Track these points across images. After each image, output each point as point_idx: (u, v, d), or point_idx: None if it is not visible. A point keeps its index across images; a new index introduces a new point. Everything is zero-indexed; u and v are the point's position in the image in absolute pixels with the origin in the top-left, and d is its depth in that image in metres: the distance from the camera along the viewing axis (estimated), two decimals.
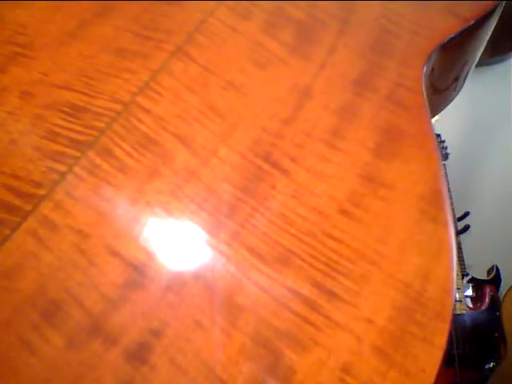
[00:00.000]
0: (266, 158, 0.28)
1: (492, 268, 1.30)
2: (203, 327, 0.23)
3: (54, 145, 0.28)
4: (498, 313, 1.20)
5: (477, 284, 1.25)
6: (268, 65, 0.33)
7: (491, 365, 1.13)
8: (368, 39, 0.35)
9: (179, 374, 0.22)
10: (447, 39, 0.35)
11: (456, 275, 0.25)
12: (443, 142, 1.39)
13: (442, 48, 0.35)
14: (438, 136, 1.36)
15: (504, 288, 1.25)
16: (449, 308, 0.24)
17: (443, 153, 1.38)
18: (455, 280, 0.25)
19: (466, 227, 1.32)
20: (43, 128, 0.29)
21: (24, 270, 0.24)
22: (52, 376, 0.22)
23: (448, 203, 0.27)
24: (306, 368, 0.22)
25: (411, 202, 0.27)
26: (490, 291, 1.24)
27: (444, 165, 1.31)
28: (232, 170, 0.28)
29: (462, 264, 1.26)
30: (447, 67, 0.40)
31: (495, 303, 1.22)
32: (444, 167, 1.21)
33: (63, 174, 0.27)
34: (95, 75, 0.31)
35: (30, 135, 0.29)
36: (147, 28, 0.34)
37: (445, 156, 1.38)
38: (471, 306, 1.21)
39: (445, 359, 0.23)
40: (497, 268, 1.29)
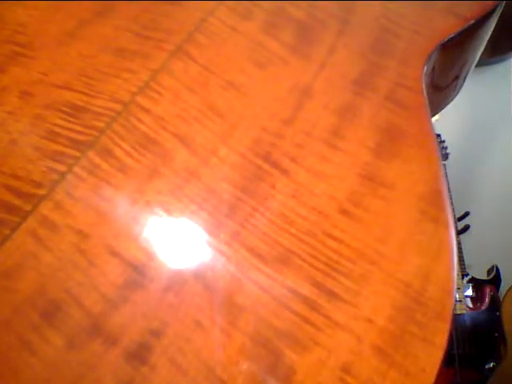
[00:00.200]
0: (266, 158, 0.28)
1: (492, 268, 1.30)
2: (203, 327, 0.23)
3: (54, 145, 0.28)
4: (498, 313, 1.20)
5: (477, 284, 1.25)
6: (268, 65, 0.33)
7: (491, 365, 1.13)
8: (368, 39, 0.35)
9: (179, 374, 0.22)
10: (447, 39, 0.35)
11: (456, 275, 0.25)
12: (443, 142, 1.39)
13: (442, 48, 0.35)
14: (438, 136, 1.36)
15: (504, 288, 1.25)
16: (449, 308, 0.24)
17: (443, 153, 1.38)
18: (455, 280, 0.25)
19: (466, 227, 1.32)
20: (43, 128, 0.29)
21: (24, 270, 0.24)
22: (52, 376, 0.22)
23: (448, 203, 0.27)
24: (306, 368, 0.22)
25: (411, 202, 0.27)
26: (490, 291, 1.24)
27: (444, 165, 1.31)
28: (232, 170, 0.28)
29: (462, 264, 1.26)
30: (447, 67, 0.40)
31: (495, 303, 1.22)
32: (444, 167, 1.21)
33: (63, 174, 0.27)
34: (95, 75, 0.31)
35: (30, 135, 0.29)
36: (147, 28, 0.34)
37: (445, 156, 1.38)
38: (471, 306, 1.21)
39: (445, 359, 0.23)
40: (497, 268, 1.29)
